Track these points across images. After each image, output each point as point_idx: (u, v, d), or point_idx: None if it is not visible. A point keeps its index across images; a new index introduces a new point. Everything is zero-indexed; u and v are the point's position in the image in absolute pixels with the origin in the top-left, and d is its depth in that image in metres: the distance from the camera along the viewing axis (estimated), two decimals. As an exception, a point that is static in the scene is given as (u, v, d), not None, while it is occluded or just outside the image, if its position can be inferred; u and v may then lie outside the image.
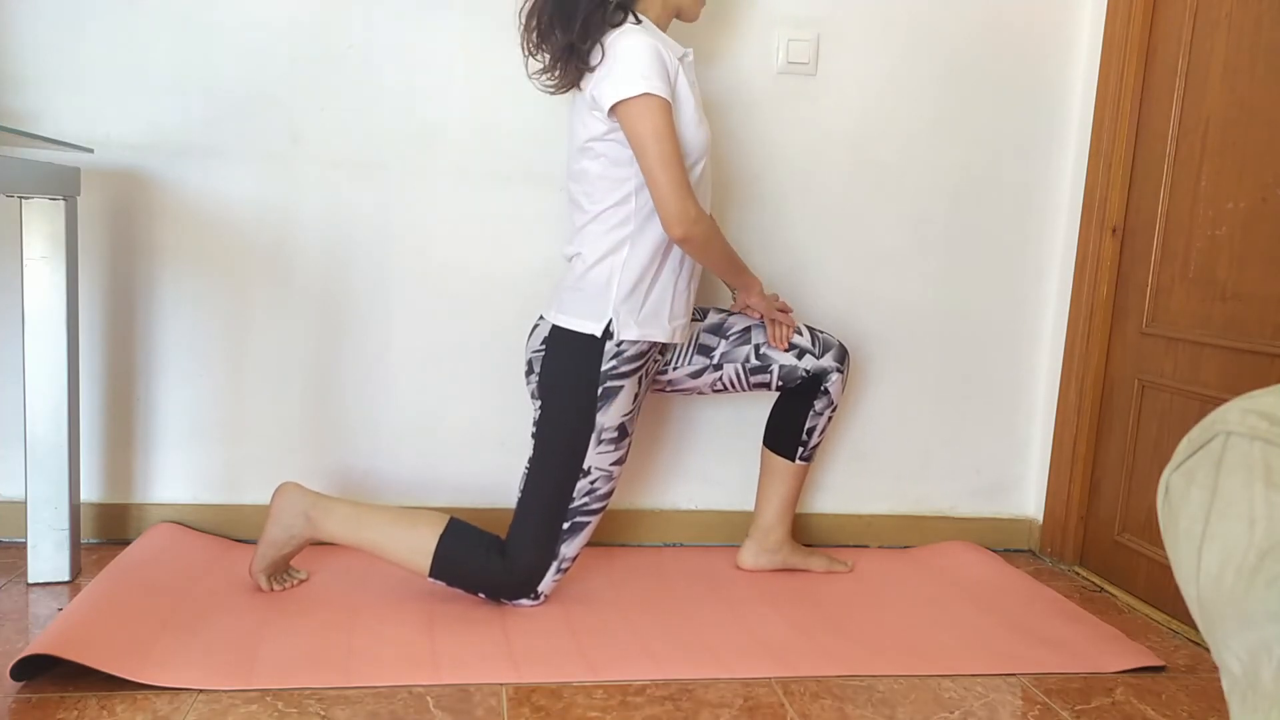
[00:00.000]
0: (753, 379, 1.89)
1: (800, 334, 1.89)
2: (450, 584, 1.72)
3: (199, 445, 2.02)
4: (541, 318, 1.77)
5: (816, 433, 1.93)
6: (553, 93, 1.76)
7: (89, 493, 2.00)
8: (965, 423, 2.26)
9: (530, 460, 1.73)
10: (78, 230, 1.83)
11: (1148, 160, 2.01)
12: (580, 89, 1.69)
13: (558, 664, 1.53)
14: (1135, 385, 2.02)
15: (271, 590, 1.74)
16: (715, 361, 1.87)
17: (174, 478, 2.02)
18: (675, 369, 1.87)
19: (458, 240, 2.03)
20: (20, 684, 1.38)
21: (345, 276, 2.01)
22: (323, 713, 1.35)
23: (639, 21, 1.66)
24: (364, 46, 1.95)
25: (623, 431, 1.72)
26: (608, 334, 1.67)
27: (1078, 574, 2.14)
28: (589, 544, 2.11)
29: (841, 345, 1.91)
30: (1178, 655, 1.71)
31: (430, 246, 2.02)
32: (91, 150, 1.82)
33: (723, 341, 1.88)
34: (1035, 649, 1.68)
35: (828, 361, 1.88)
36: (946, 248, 2.19)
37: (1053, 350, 2.24)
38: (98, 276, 1.95)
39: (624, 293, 1.67)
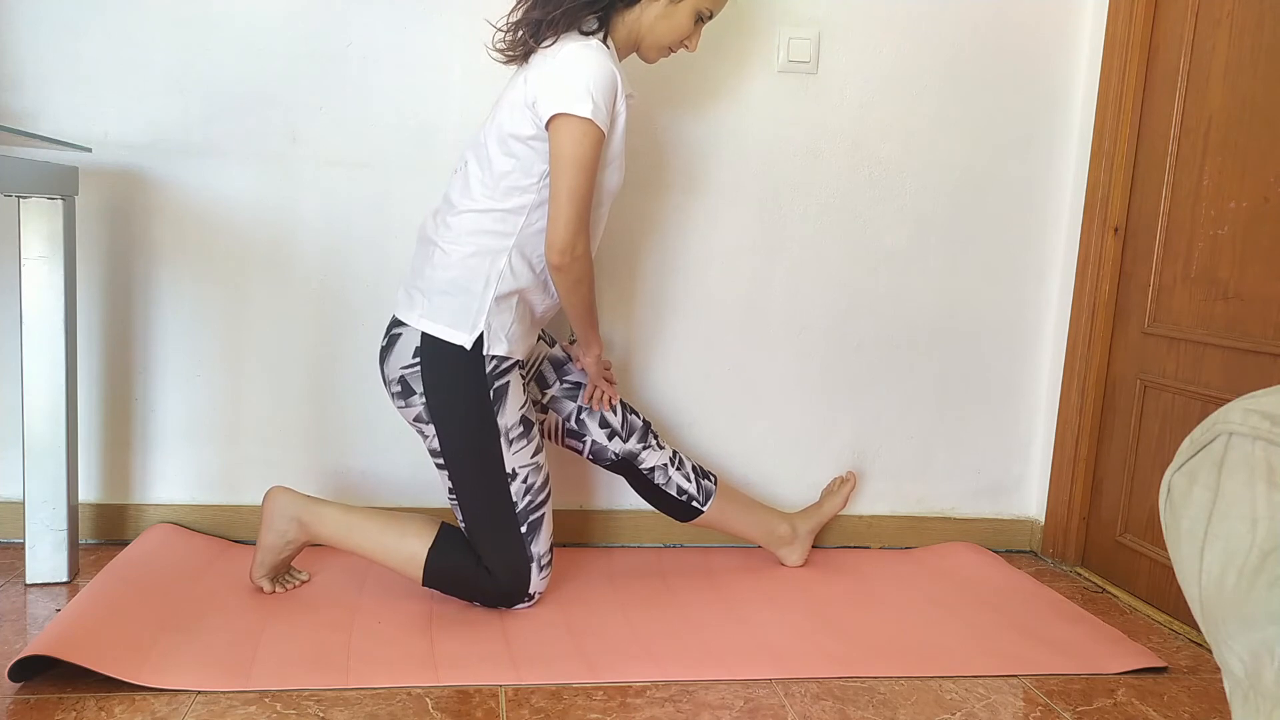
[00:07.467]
0: (567, 440, 1.87)
1: (615, 412, 1.86)
2: (444, 592, 1.71)
3: (197, 445, 2.02)
4: (400, 323, 1.67)
5: (688, 481, 1.90)
6: (502, 60, 1.69)
7: (87, 493, 2.00)
8: (966, 423, 2.25)
9: (452, 489, 1.68)
10: (76, 230, 1.83)
11: (1149, 159, 2.01)
12: (525, 79, 1.61)
13: (557, 665, 1.52)
14: (1137, 385, 2.01)
15: (275, 592, 1.73)
16: (544, 401, 1.85)
17: (172, 478, 2.02)
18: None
19: (457, 240, 2.02)
20: (18, 685, 1.38)
21: (343, 276, 2.01)
22: (321, 714, 1.35)
23: (606, 44, 1.62)
24: (362, 45, 1.95)
25: (526, 423, 1.69)
26: (479, 344, 1.62)
27: (1079, 575, 2.14)
28: (588, 545, 2.11)
29: (645, 423, 1.88)
30: (1180, 656, 1.71)
31: (430, 246, 2.02)
32: (90, 149, 1.82)
33: (558, 383, 1.85)
34: (1037, 650, 1.67)
35: (633, 445, 1.86)
36: (947, 247, 2.18)
37: (1054, 350, 2.23)
38: (96, 276, 1.95)
39: (499, 305, 1.63)
